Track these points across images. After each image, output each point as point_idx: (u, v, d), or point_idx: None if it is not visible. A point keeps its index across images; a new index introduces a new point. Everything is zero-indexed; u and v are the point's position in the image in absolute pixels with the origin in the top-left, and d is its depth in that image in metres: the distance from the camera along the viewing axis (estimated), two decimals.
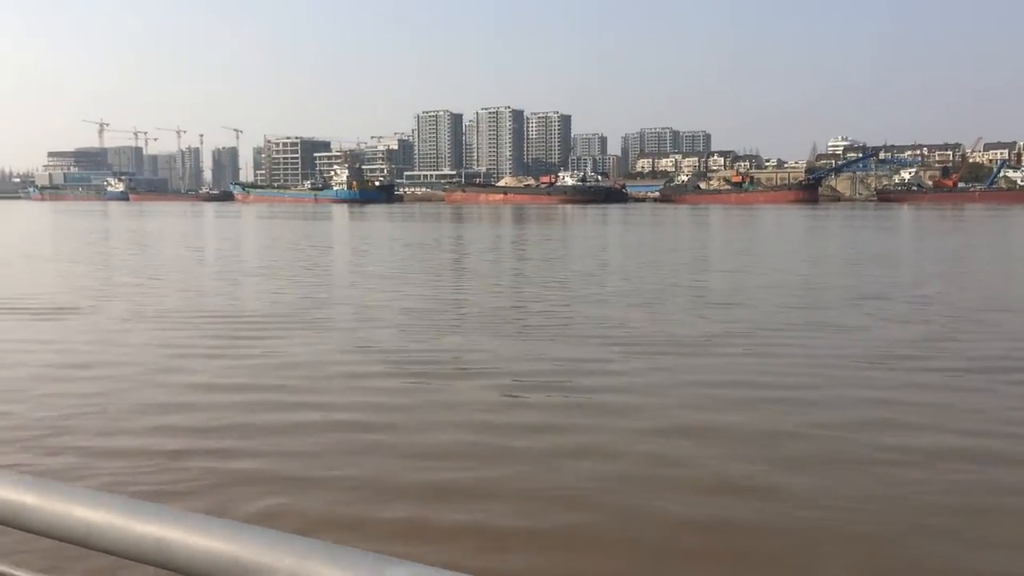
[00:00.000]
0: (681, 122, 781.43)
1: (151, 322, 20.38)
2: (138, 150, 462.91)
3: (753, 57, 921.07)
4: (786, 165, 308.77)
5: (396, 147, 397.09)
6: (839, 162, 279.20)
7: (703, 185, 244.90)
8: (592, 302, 24.20)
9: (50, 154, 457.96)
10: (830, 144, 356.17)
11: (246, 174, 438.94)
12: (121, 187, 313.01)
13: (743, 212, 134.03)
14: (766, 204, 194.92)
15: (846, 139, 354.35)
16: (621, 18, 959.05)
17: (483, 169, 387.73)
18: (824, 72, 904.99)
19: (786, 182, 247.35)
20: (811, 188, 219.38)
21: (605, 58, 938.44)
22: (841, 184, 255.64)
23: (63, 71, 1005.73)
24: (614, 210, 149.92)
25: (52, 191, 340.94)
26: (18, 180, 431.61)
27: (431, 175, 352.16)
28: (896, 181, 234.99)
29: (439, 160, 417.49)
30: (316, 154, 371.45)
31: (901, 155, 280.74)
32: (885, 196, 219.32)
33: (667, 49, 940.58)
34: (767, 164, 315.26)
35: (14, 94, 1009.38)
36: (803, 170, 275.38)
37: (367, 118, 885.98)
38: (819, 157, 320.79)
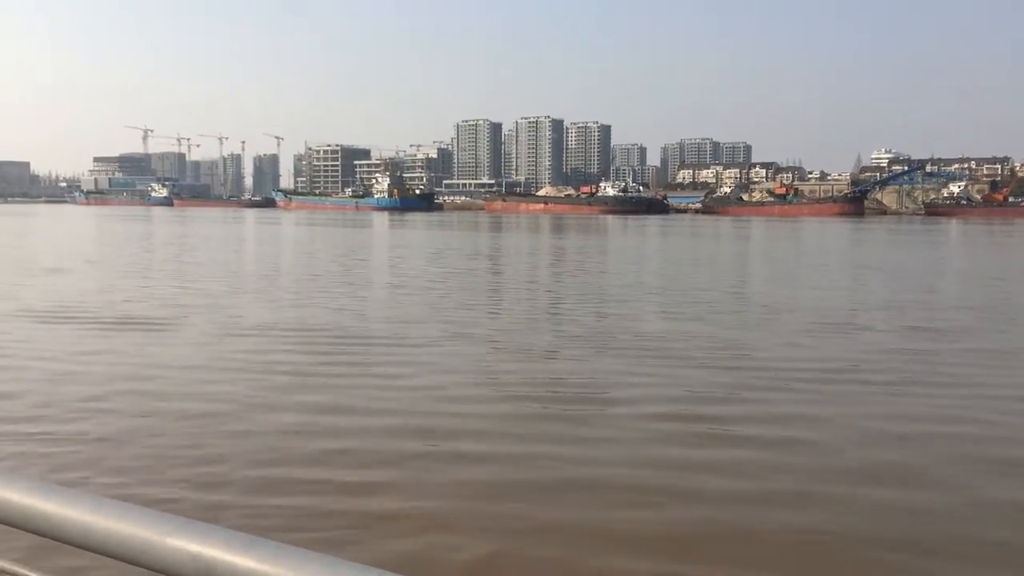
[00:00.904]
0: (721, 133, 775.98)
1: (251, 337, 19.67)
2: (181, 156, 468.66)
3: (795, 68, 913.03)
4: (829, 177, 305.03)
5: (435, 156, 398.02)
6: (884, 175, 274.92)
7: (746, 197, 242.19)
8: (697, 320, 23.27)
9: (95, 159, 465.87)
10: (873, 156, 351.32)
11: (286, 181, 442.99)
12: (165, 192, 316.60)
13: (791, 225, 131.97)
14: (810, 217, 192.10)
15: (890, 151, 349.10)
16: (659, 27, 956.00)
17: (522, 179, 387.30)
18: (867, 83, 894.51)
19: (830, 195, 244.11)
20: (857, 201, 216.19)
21: (644, 67, 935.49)
22: (887, 197, 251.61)
23: (108, 77, 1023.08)
24: (659, 222, 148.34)
25: (97, 196, 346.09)
26: (64, 184, 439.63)
27: (470, 184, 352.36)
28: (944, 195, 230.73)
29: (478, 169, 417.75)
30: (356, 162, 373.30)
31: (948, 168, 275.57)
32: (934, 210, 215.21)
33: (708, 59, 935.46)
34: (810, 176, 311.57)
35: (60, 99, 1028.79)
36: (846, 182, 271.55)
37: (406, 126, 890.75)
38: (863, 169, 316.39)
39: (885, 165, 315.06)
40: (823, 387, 14.87)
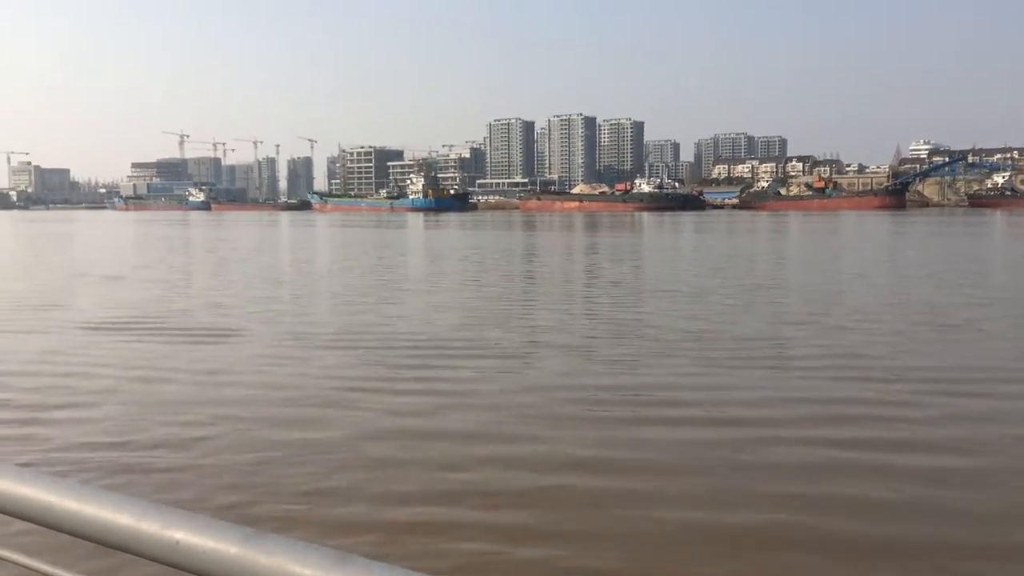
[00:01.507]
0: (755, 127, 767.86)
1: (325, 348, 18.90)
2: (217, 160, 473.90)
3: (831, 60, 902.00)
4: (868, 170, 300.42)
5: (468, 155, 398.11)
6: (924, 166, 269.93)
7: (783, 191, 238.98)
8: (794, 324, 22.14)
9: (133, 165, 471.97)
10: (911, 148, 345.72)
11: (320, 183, 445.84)
12: (202, 197, 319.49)
13: (835, 219, 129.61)
14: (851, 210, 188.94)
15: (928, 142, 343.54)
16: (690, 22, 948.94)
17: (555, 177, 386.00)
18: (904, 73, 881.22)
19: (869, 187, 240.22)
20: (898, 194, 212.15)
21: (676, 63, 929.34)
22: (928, 189, 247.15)
23: (144, 84, 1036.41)
24: (698, 218, 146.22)
25: (136, 201, 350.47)
26: (103, 191, 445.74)
27: (503, 183, 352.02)
28: (988, 186, 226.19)
29: (511, 168, 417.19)
30: (389, 163, 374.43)
31: (990, 158, 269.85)
32: (978, 202, 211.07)
33: (740, 53, 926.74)
34: (848, 169, 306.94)
35: (98, 106, 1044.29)
36: (885, 175, 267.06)
37: (437, 126, 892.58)
38: (902, 161, 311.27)
39: (925, 156, 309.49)
40: None
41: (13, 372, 16.37)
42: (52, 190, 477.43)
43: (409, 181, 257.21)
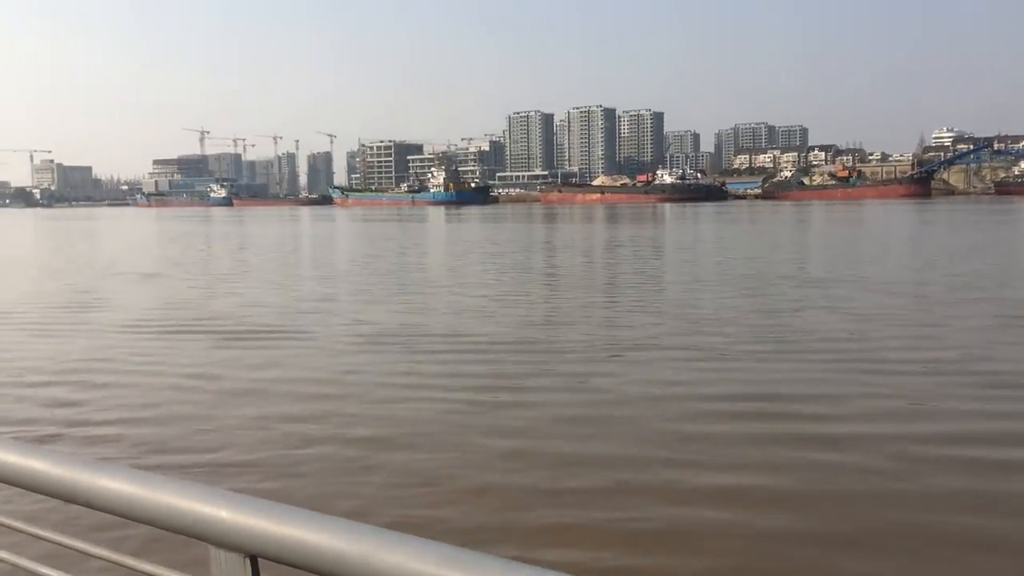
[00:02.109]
0: (776, 116, 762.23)
1: (393, 350, 18.18)
2: (237, 156, 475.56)
3: (850, 46, 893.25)
4: (891, 158, 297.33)
5: (487, 148, 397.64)
6: (948, 154, 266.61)
7: (807, 181, 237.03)
8: (906, 325, 20.44)
9: (155, 161, 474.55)
10: (935, 135, 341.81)
11: (340, 178, 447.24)
12: (224, 193, 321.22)
13: (861, 208, 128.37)
14: (876, 199, 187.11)
15: (952, 129, 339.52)
16: (708, 11, 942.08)
17: (575, 169, 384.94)
18: (926, 60, 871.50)
19: (893, 176, 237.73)
20: (924, 181, 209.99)
21: (695, 53, 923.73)
22: (954, 177, 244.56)
23: (164, 81, 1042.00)
24: (722, 209, 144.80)
25: (158, 198, 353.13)
26: (126, 188, 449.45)
27: (523, 176, 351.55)
28: (1016, 173, 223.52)
29: (530, 160, 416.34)
30: (409, 157, 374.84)
31: (1016, 145, 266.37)
32: (1004, 189, 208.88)
33: (758, 42, 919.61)
34: (871, 158, 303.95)
35: (119, 105, 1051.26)
36: (909, 163, 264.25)
37: (456, 120, 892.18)
38: (926, 149, 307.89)
39: (949, 144, 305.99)
40: None
41: (73, 376, 16.28)
42: (74, 187, 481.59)
43: (430, 175, 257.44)
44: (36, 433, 11.76)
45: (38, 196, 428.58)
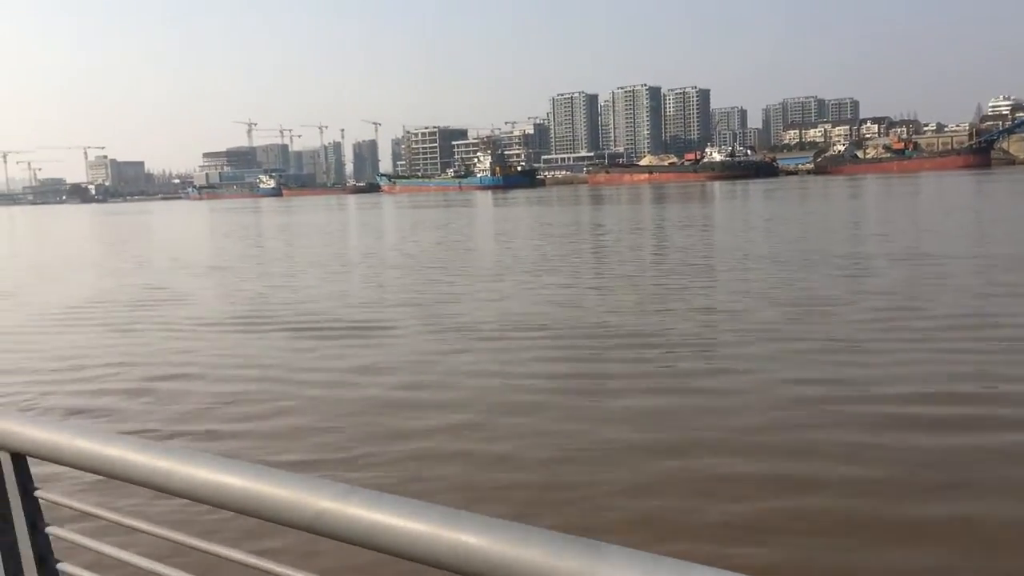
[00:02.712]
0: (825, 90, 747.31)
1: (499, 341, 17.48)
2: (284, 147, 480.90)
3: (901, 15, 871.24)
4: (947, 129, 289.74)
5: (532, 131, 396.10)
6: (1007, 123, 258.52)
7: (860, 154, 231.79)
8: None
9: (205, 155, 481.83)
10: (991, 104, 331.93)
11: (385, 165, 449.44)
12: (272, 183, 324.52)
13: (921, 181, 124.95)
14: (933, 171, 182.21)
15: (1010, 98, 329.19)
16: None
17: (621, 149, 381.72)
18: (980, 25, 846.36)
19: (950, 147, 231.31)
20: (983, 152, 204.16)
21: (739, 26, 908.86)
22: (1014, 146, 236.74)
23: (213, 76, 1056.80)
24: (775, 185, 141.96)
25: (209, 190, 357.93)
26: (177, 181, 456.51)
27: (568, 158, 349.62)
28: None
29: (575, 142, 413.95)
30: (454, 142, 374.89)
31: None
32: None
33: (806, 13, 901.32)
34: (926, 129, 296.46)
35: (168, 100, 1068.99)
36: (966, 133, 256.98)
37: (499, 104, 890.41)
38: (983, 119, 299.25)
39: (1007, 113, 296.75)
40: None
41: (185, 372, 16.09)
42: (128, 182, 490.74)
43: (476, 159, 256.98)
44: (159, 432, 11.55)
45: (93, 192, 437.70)
